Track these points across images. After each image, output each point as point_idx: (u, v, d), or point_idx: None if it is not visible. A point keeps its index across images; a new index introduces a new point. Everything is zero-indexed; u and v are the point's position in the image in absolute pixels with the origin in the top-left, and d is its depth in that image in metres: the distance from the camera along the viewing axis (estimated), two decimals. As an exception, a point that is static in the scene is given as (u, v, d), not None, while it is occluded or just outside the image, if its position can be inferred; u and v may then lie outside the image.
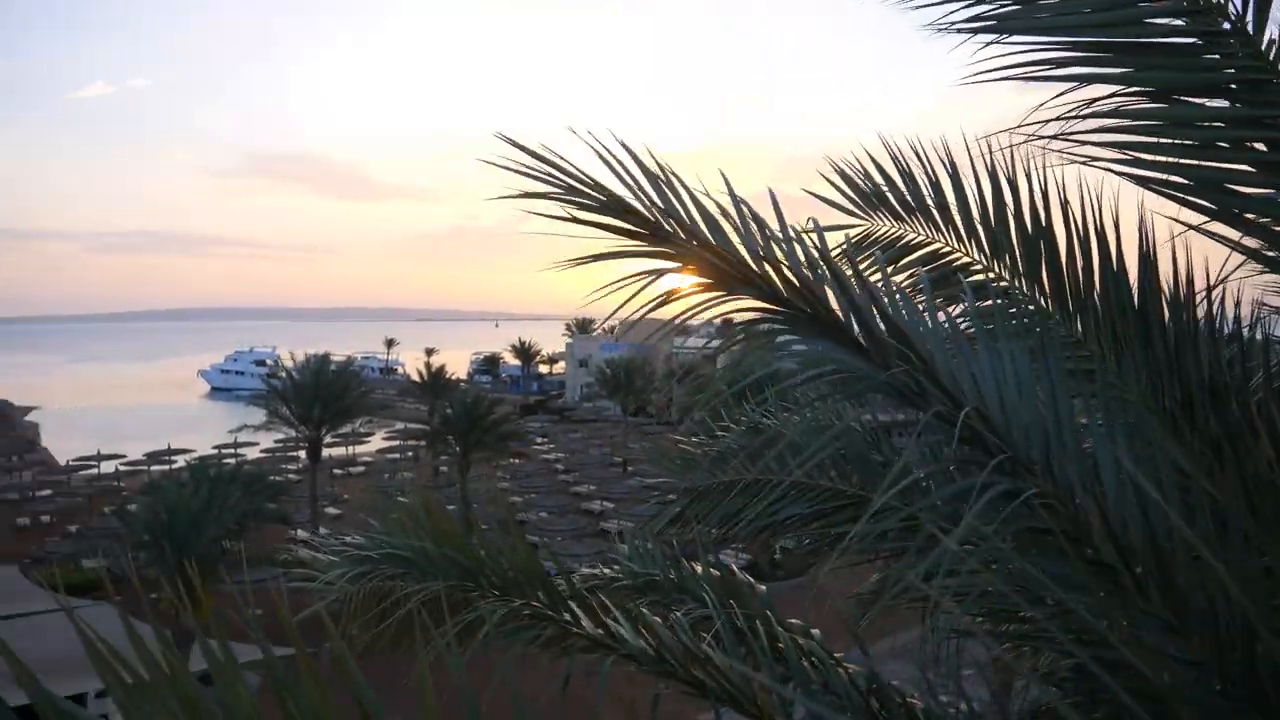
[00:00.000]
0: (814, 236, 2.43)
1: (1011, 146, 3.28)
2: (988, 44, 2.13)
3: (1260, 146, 2.39)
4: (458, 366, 76.50)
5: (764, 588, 4.05)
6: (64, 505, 40.44)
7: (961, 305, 3.20)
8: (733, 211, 2.24)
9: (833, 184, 3.64)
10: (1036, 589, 1.99)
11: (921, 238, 3.49)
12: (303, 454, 44.29)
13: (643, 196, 2.07)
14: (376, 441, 57.66)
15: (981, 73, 2.13)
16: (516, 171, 2.16)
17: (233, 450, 47.69)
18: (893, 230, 3.61)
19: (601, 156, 2.18)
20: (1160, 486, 2.19)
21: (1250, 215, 2.58)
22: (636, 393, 61.90)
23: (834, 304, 1.98)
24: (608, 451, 54.09)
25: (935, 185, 3.35)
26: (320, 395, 37.65)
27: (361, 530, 4.03)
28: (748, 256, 1.98)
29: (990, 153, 3.33)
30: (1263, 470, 2.29)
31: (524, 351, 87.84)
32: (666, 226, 2.02)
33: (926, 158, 3.38)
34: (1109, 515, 2.02)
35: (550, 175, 2.07)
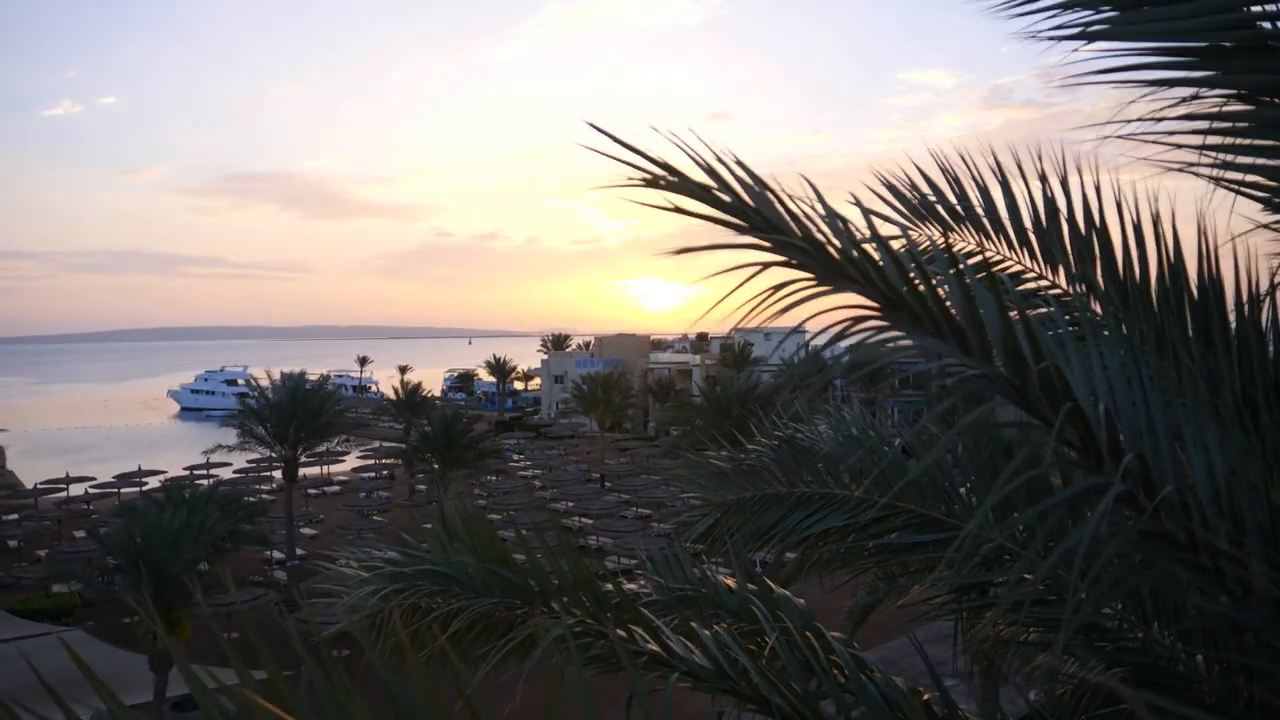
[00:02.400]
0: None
1: (1063, 150, 3.27)
2: (1075, 49, 2.11)
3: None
4: (432, 384, 75.95)
5: (802, 601, 3.99)
6: (32, 529, 39.50)
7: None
8: (814, 215, 2.19)
9: (878, 195, 3.60)
10: (1168, 590, 1.94)
11: (971, 246, 3.46)
12: (277, 474, 43.60)
13: (742, 189, 2.01)
14: (351, 460, 57.03)
15: (1073, 77, 2.11)
16: (616, 159, 2.07)
17: (205, 471, 46.92)
18: (941, 240, 3.56)
19: (687, 151, 2.13)
20: (1254, 488, 2.16)
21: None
22: (614, 408, 61.72)
23: (938, 303, 1.93)
24: (584, 468, 53.81)
25: (984, 192, 3.33)
26: (297, 414, 37.14)
27: (396, 545, 3.91)
28: (854, 251, 1.93)
29: (1040, 159, 3.31)
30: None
31: (499, 368, 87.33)
32: (769, 217, 1.97)
33: (974, 165, 3.35)
34: (1225, 512, 1.98)
35: (650, 169, 2.01)
